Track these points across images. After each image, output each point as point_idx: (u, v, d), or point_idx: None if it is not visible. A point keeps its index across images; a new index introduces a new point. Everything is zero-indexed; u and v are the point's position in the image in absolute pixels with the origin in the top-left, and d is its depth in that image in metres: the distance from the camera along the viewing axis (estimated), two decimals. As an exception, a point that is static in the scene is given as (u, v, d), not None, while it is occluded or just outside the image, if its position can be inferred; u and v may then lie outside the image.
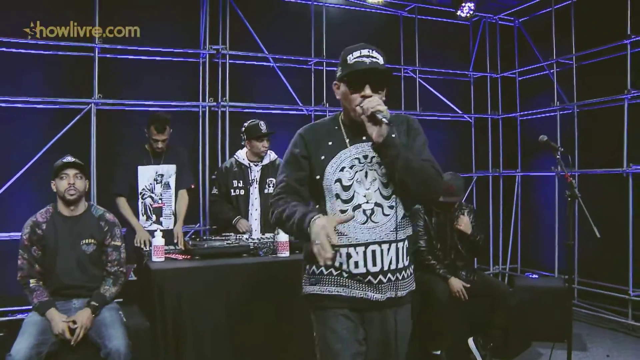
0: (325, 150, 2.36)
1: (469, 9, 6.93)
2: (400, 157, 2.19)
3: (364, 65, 2.25)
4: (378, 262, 2.29)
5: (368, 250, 2.29)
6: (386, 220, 2.31)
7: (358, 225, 2.29)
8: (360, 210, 2.29)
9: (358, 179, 2.30)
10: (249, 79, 6.55)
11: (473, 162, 7.84)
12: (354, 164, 2.32)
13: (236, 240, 4.33)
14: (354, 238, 2.29)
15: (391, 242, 2.31)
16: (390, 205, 2.31)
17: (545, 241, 7.16)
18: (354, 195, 2.30)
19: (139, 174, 4.79)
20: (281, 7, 6.75)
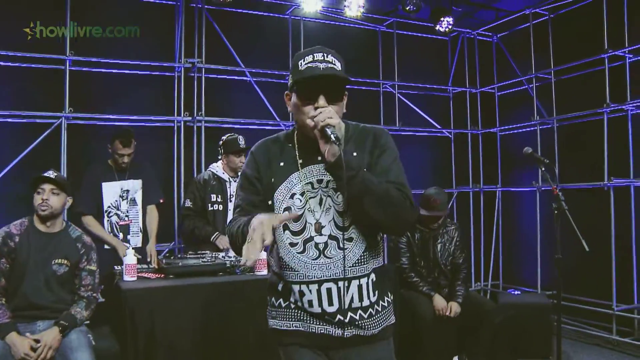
0: (275, 172, 2.05)
1: (447, 23, 6.89)
2: (357, 180, 1.83)
3: (317, 71, 1.90)
4: (335, 301, 1.97)
5: (322, 288, 1.97)
6: (341, 255, 1.96)
7: (309, 261, 1.98)
8: (312, 244, 1.98)
9: (310, 207, 1.98)
10: (225, 94, 6.42)
11: (453, 178, 7.76)
12: (306, 189, 1.99)
13: (212, 258, 4.15)
14: (305, 275, 1.98)
15: (350, 279, 1.97)
16: (348, 237, 1.98)
17: (527, 257, 7.09)
18: (306, 225, 1.98)
19: (104, 190, 4.61)
20: (258, 21, 6.65)
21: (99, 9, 5.79)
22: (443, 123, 7.77)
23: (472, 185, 7.81)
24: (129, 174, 4.69)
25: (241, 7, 6.49)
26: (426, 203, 4.74)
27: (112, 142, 4.58)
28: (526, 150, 3.96)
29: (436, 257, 4.80)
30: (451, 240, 4.87)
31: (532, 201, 6.97)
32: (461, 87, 7.85)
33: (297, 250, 1.99)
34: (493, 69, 7.82)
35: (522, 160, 7.32)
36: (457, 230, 4.94)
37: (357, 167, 1.86)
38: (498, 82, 7.71)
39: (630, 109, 5.89)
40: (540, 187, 6.76)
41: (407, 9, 6.41)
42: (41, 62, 5.46)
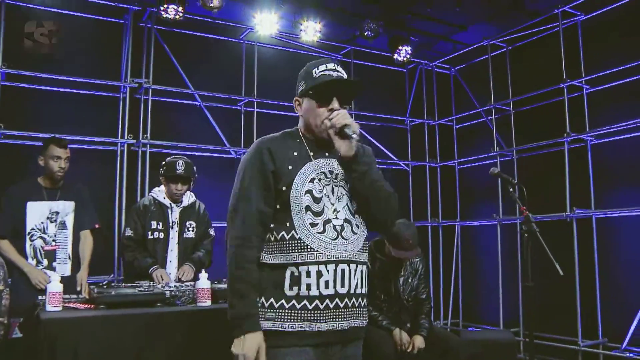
0: (291, 161, 2.18)
1: (405, 52, 6.78)
2: (369, 174, 2.16)
3: (331, 78, 2.18)
4: (346, 283, 2.12)
5: (338, 268, 2.11)
6: (354, 238, 2.18)
7: (330, 241, 2.12)
8: (330, 225, 2.14)
9: (326, 192, 2.16)
10: (173, 117, 6.06)
11: (411, 212, 7.53)
12: (321, 177, 2.17)
13: (149, 287, 3.71)
14: (324, 254, 2.10)
15: (358, 263, 2.18)
16: (357, 223, 2.20)
17: (488, 293, 6.85)
18: (324, 209, 2.15)
19: (28, 210, 4.08)
20: (210, 44, 6.37)
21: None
22: (400, 155, 7.60)
23: (430, 220, 7.60)
24: (60, 194, 4.20)
25: (193, 29, 6.22)
26: (395, 241, 4.26)
27: (46, 148, 4.12)
28: (492, 170, 3.72)
29: (398, 291, 4.44)
30: (415, 274, 4.53)
31: (492, 235, 6.77)
32: (419, 118, 7.72)
33: (317, 230, 2.11)
34: (451, 100, 7.74)
35: (482, 193, 7.19)
36: (422, 263, 4.60)
37: (369, 163, 2.19)
38: (456, 114, 7.61)
39: (589, 139, 5.81)
40: (501, 220, 6.58)
41: (365, 35, 6.25)
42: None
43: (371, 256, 4.41)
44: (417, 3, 6.18)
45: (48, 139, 4.20)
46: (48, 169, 4.11)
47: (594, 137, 5.79)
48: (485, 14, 6.50)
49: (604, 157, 5.81)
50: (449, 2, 6.01)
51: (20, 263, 4.00)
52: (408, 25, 6.73)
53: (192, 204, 4.47)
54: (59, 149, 4.10)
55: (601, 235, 5.72)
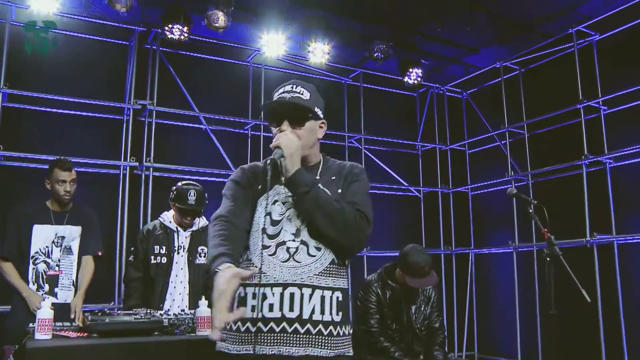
0: (262, 182, 2.17)
1: (416, 75, 6.64)
2: (310, 196, 2.04)
3: (283, 100, 2.17)
4: (296, 308, 2.01)
5: (286, 292, 2.02)
6: (311, 261, 2.07)
7: (278, 263, 2.06)
8: (283, 248, 2.08)
9: (289, 215, 2.13)
10: (177, 140, 5.93)
11: (423, 240, 7.29)
12: (287, 200, 2.14)
13: (147, 315, 3.50)
14: (271, 277, 2.04)
15: (317, 288, 2.05)
16: (317, 246, 2.09)
17: (505, 324, 6.58)
18: (281, 231, 2.11)
19: (34, 233, 3.94)
20: (217, 66, 6.26)
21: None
22: (411, 181, 7.40)
23: (443, 248, 7.35)
24: (68, 218, 4.06)
25: (199, 51, 6.13)
26: (410, 269, 4.04)
27: (51, 172, 4.00)
28: (510, 191, 3.51)
29: (410, 319, 4.20)
30: (427, 301, 4.29)
31: (508, 263, 6.52)
32: (431, 143, 7.55)
33: (268, 252, 2.07)
34: (463, 124, 7.58)
35: (496, 220, 6.97)
36: (434, 290, 4.36)
37: (310, 184, 2.05)
38: (469, 138, 7.43)
39: (608, 161, 5.60)
40: (517, 248, 6.33)
41: (375, 56, 6.12)
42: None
43: (382, 283, 4.20)
44: (427, 24, 6.06)
45: (52, 162, 4.09)
46: (55, 192, 4.00)
47: (613, 159, 5.60)
48: (496, 36, 6.38)
49: (624, 180, 5.60)
50: (460, 23, 5.88)
51: (20, 287, 3.84)
52: (418, 48, 6.61)
53: (203, 228, 4.28)
54: (62, 172, 3.97)
55: (624, 262, 5.47)
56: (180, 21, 5.28)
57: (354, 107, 7.06)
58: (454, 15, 5.86)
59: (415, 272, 3.99)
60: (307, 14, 5.84)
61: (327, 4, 5.77)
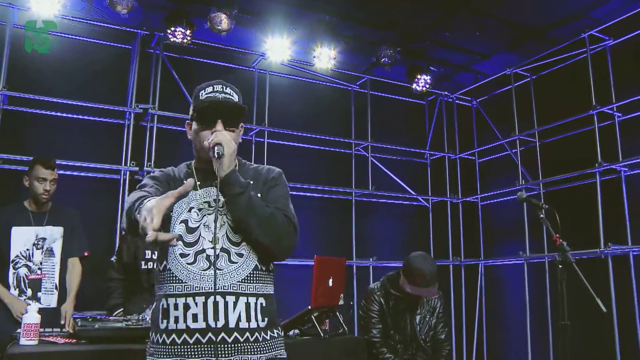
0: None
1: (424, 82, 6.51)
2: (243, 198, 1.99)
3: (216, 99, 2.10)
4: (221, 317, 1.95)
5: (209, 301, 1.95)
6: (233, 268, 2.01)
7: (198, 272, 1.98)
8: (203, 256, 2.00)
9: (206, 222, 2.05)
10: (179, 145, 5.79)
11: (431, 250, 7.09)
12: (203, 207, 2.08)
13: (138, 321, 3.36)
14: (192, 286, 1.97)
15: (238, 295, 1.99)
16: (238, 252, 2.04)
17: (515, 336, 6.38)
18: (199, 239, 2.04)
19: (13, 236, 3.81)
20: (220, 71, 6.16)
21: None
22: (420, 190, 7.25)
23: (452, 259, 7.17)
24: (48, 218, 3.92)
25: (202, 56, 6.06)
26: (411, 275, 3.88)
27: (32, 168, 3.87)
28: (520, 195, 3.34)
29: (414, 330, 4.03)
30: (432, 312, 4.12)
31: (519, 274, 6.33)
32: (439, 152, 7.40)
33: (187, 261, 2.00)
34: (473, 133, 7.43)
35: (506, 230, 6.80)
36: (440, 300, 4.19)
37: (245, 186, 2.01)
38: (478, 146, 7.29)
39: (623, 169, 5.43)
40: (528, 259, 6.14)
41: (382, 61, 6.00)
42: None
43: (384, 292, 4.04)
44: (435, 30, 5.93)
45: (34, 157, 3.96)
46: (32, 190, 3.86)
47: (628, 167, 5.42)
48: (507, 42, 6.25)
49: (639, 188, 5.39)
50: (470, 29, 5.75)
51: (1, 293, 3.69)
52: (427, 54, 6.49)
53: None
54: (44, 169, 3.84)
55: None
56: (183, 24, 5.19)
57: (361, 115, 6.93)
58: (463, 21, 5.74)
59: (416, 280, 3.83)
60: (312, 18, 5.73)
61: (333, 9, 5.66)
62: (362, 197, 6.80)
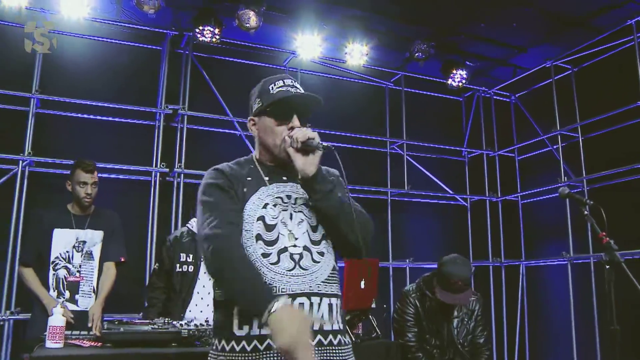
0: (245, 184, 2.00)
1: (460, 77, 6.32)
2: (335, 193, 1.94)
3: (290, 94, 2.00)
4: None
5: (295, 303, 1.84)
6: (317, 267, 1.92)
7: (285, 272, 1.87)
8: (286, 255, 1.90)
9: (283, 218, 1.95)
10: (210, 146, 5.77)
11: (470, 251, 6.93)
12: (277, 202, 1.97)
13: (164, 325, 3.29)
14: (278, 288, 1.84)
15: (324, 295, 1.91)
16: (319, 251, 1.96)
17: (560, 341, 6.12)
18: (279, 237, 1.92)
19: (55, 238, 3.82)
20: (251, 70, 6.10)
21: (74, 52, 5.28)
22: (458, 189, 7.06)
23: (492, 260, 6.94)
24: (89, 222, 3.95)
25: (232, 55, 6.00)
26: (442, 280, 3.78)
27: (73, 172, 3.91)
28: (562, 191, 3.14)
29: (451, 334, 3.87)
30: (471, 315, 3.95)
31: (562, 275, 6.07)
32: (477, 149, 7.18)
33: (270, 261, 1.88)
34: (512, 129, 7.18)
35: (549, 229, 6.55)
36: (478, 303, 4.02)
37: (334, 182, 1.98)
38: (518, 143, 7.05)
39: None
40: (572, 259, 5.87)
41: (415, 56, 5.84)
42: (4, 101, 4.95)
43: (420, 294, 3.90)
44: (470, 23, 5.73)
45: (75, 162, 4.00)
46: (75, 194, 3.91)
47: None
48: (546, 33, 5.98)
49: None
50: (506, 20, 5.54)
51: (40, 294, 3.74)
52: (462, 48, 6.28)
53: None
54: (85, 173, 3.87)
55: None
56: (212, 23, 5.16)
57: (395, 112, 6.78)
58: (499, 13, 5.52)
59: (447, 284, 3.71)
60: (343, 14, 5.61)
61: (364, 4, 5.51)
62: (397, 196, 6.64)
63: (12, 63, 4.96)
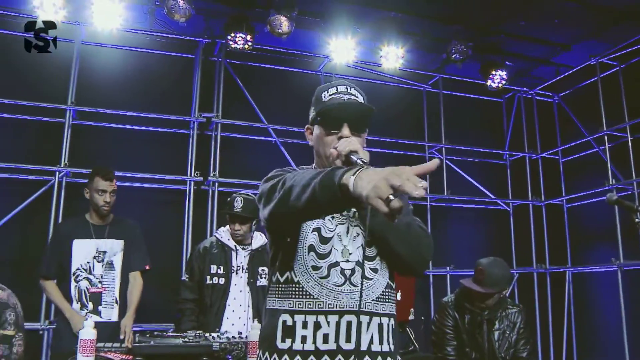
0: None
1: (500, 78, 6.11)
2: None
3: (340, 101, 1.90)
4: (353, 338, 1.77)
5: (342, 320, 1.77)
6: (368, 285, 1.84)
7: (333, 288, 1.80)
8: (337, 270, 1.82)
9: (339, 232, 1.86)
10: (244, 154, 5.74)
11: (513, 257, 6.72)
12: (336, 215, 1.87)
13: (196, 337, 3.24)
14: (325, 303, 1.79)
15: (374, 315, 1.83)
16: (373, 267, 1.87)
17: (610, 351, 5.85)
18: (332, 250, 1.84)
19: (74, 249, 3.79)
20: (285, 77, 6.05)
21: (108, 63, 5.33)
22: (499, 193, 6.84)
23: (536, 266, 6.71)
24: (109, 231, 3.89)
25: (265, 61, 5.97)
26: (474, 273, 3.74)
27: (91, 180, 3.86)
28: (610, 197, 2.95)
29: (492, 347, 3.69)
30: (512, 327, 3.77)
31: (612, 283, 5.79)
32: (519, 152, 6.97)
33: (319, 274, 1.82)
34: (555, 131, 6.93)
35: (597, 234, 6.29)
36: (521, 315, 3.83)
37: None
38: (562, 144, 6.79)
39: None
40: (622, 266, 5.59)
41: (453, 58, 5.67)
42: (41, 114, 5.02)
43: (458, 305, 3.74)
44: (509, 19, 5.53)
45: (94, 169, 3.95)
46: (93, 202, 3.85)
47: None
48: (590, 29, 5.72)
49: None
50: (547, 15, 5.32)
51: (63, 307, 3.71)
52: (501, 48, 6.09)
53: (262, 247, 4.02)
54: (104, 181, 3.82)
55: None
56: (243, 30, 5.11)
57: (433, 116, 6.63)
58: (539, 9, 5.31)
59: (476, 276, 3.67)
60: (377, 16, 5.49)
61: (399, 5, 5.39)
62: (437, 202, 6.49)
63: (48, 76, 5.05)
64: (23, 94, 4.89)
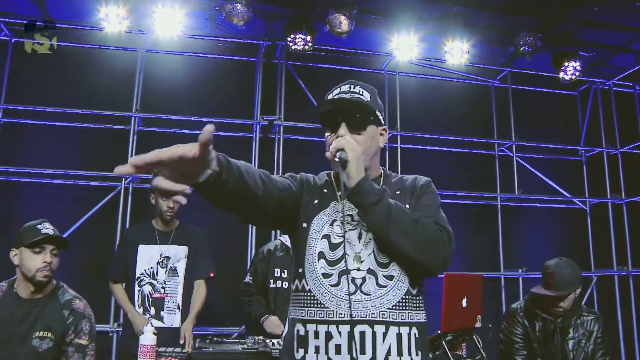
0: (319, 196, 1.91)
1: (573, 69, 5.77)
2: (380, 206, 1.72)
3: (342, 99, 1.88)
4: (368, 349, 1.70)
5: (355, 330, 1.71)
6: (382, 293, 1.76)
7: (344, 296, 1.74)
8: (347, 278, 1.76)
9: (349, 238, 1.81)
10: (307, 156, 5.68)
11: (591, 259, 6.37)
12: (347, 220, 1.84)
13: (255, 344, 3.21)
14: (336, 313, 1.74)
15: (392, 324, 1.74)
16: (387, 274, 1.78)
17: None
18: (342, 256, 1.79)
19: (139, 254, 3.84)
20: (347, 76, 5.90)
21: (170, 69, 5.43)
22: (575, 191, 6.49)
23: (617, 268, 6.30)
24: (173, 237, 3.92)
25: (328, 62, 5.90)
26: (543, 277, 3.53)
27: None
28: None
29: (567, 357, 3.46)
30: (589, 336, 3.51)
31: (703, 287, 5.35)
32: (596, 147, 6.58)
33: (330, 282, 1.78)
34: (637, 123, 6.49)
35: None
36: (598, 322, 3.57)
37: (380, 193, 1.75)
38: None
39: None
40: None
41: (521, 51, 5.40)
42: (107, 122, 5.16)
43: (528, 312, 3.53)
44: (581, 5, 5.20)
45: None
46: (158, 208, 3.91)
47: None
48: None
49: None
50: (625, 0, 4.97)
51: (127, 309, 3.79)
52: (574, 37, 5.74)
53: None
54: None
55: None
56: (303, 30, 5.06)
57: (502, 112, 6.36)
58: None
59: (544, 279, 3.47)
60: (440, 11, 5.32)
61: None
62: (508, 201, 6.22)
63: (114, 84, 5.18)
64: (90, 103, 5.03)
